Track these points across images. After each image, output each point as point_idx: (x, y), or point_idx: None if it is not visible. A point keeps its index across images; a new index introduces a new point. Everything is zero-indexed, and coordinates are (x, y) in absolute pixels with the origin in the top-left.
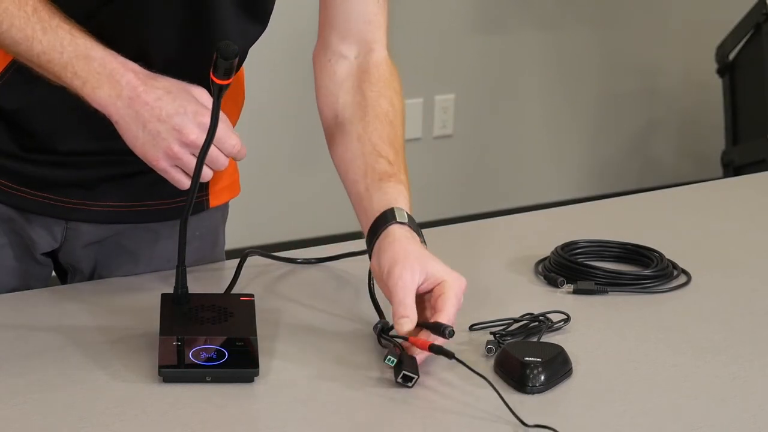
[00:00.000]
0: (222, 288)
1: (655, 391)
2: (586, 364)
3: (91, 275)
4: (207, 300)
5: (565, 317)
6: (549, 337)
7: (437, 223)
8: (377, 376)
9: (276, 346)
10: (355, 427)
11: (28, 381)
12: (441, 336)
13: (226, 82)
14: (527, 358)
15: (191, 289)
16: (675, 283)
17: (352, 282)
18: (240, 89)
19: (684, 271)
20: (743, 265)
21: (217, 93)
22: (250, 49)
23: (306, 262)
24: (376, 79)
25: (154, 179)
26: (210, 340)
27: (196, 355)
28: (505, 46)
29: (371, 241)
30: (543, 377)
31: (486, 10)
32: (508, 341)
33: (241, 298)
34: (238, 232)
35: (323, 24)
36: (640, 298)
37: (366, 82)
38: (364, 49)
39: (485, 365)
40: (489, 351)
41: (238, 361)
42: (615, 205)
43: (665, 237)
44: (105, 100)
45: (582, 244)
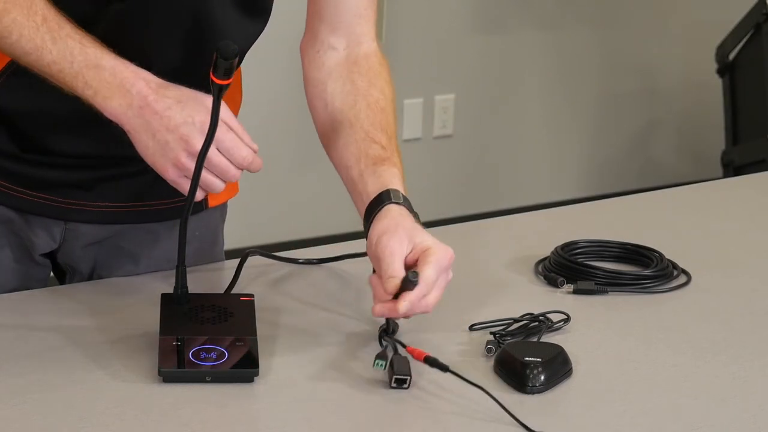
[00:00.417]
0: (222, 288)
1: (655, 391)
2: (586, 364)
3: (90, 276)
4: (207, 300)
5: (565, 317)
6: (549, 337)
7: (437, 223)
8: (377, 377)
9: (276, 346)
10: (355, 427)
11: (28, 381)
12: (407, 288)
13: (226, 82)
14: (527, 358)
15: (191, 289)
16: (675, 283)
17: (353, 282)
18: (237, 89)
19: (684, 271)
20: (743, 265)
21: (217, 93)
22: (249, 49)
23: (308, 262)
24: (366, 70)
25: (153, 179)
26: (210, 340)
27: (196, 355)
28: (505, 46)
29: (368, 223)
30: (543, 377)
31: (486, 10)
32: (508, 341)
33: (241, 298)
34: (237, 232)
35: (312, 15)
36: (640, 298)
37: (356, 73)
38: (354, 42)
39: (485, 365)
40: (489, 351)
41: (238, 361)
42: (615, 205)
43: (665, 237)
44: (116, 110)
45: (582, 244)
